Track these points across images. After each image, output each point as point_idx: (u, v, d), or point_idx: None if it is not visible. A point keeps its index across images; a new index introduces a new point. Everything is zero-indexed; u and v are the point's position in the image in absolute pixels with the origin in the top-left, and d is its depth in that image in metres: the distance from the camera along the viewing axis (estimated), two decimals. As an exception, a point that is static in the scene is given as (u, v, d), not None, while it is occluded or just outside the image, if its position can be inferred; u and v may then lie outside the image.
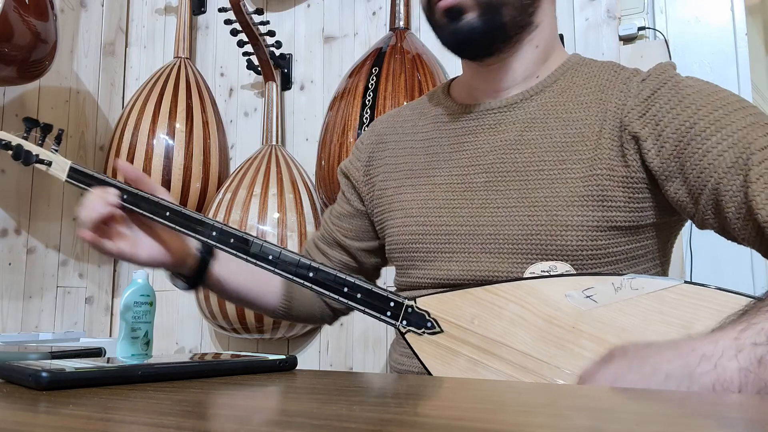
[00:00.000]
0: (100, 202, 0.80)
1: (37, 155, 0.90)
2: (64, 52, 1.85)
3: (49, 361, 0.51)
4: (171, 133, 1.75)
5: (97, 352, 0.67)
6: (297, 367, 0.58)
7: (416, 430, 0.28)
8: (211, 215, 1.64)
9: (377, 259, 0.96)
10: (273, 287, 0.95)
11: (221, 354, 0.62)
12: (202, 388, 0.44)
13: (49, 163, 0.89)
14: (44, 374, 0.41)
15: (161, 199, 0.82)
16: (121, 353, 1.01)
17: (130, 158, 1.74)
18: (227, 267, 0.90)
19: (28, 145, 0.91)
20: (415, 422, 0.31)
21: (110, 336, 1.95)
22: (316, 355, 1.73)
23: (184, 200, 1.75)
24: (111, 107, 2.02)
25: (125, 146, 1.76)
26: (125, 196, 0.83)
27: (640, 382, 0.50)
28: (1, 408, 0.35)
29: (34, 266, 1.74)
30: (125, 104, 1.94)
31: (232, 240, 0.78)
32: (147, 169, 1.73)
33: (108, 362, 0.50)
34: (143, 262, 0.83)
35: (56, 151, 0.91)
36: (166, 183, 1.73)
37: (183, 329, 1.89)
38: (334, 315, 1.00)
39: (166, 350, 1.88)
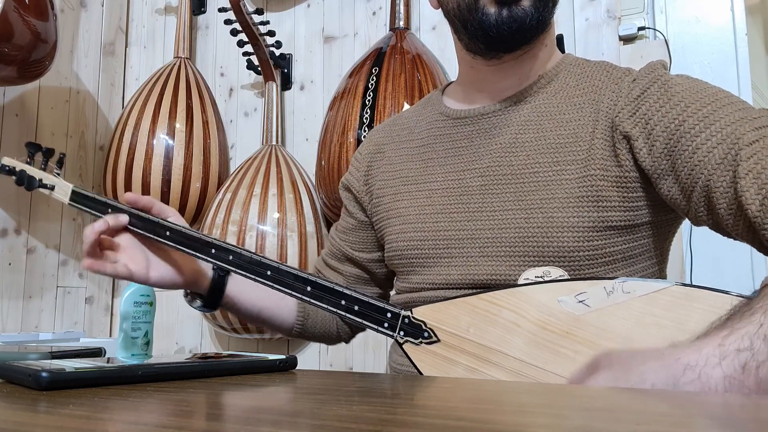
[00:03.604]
0: (99, 225, 0.79)
1: (40, 180, 0.91)
2: (64, 52, 1.85)
3: (49, 361, 0.51)
4: (171, 133, 1.75)
5: (97, 352, 0.67)
6: (297, 367, 0.58)
7: (416, 430, 0.28)
8: (211, 215, 1.64)
9: (389, 269, 0.94)
10: (288, 305, 0.94)
11: (221, 354, 0.62)
12: (202, 388, 0.44)
13: (52, 187, 0.91)
14: (44, 374, 0.41)
15: (169, 222, 0.82)
16: (121, 353, 1.01)
17: (130, 158, 1.74)
18: (242, 285, 0.89)
19: (32, 170, 0.92)
20: (415, 422, 0.31)
21: (110, 336, 1.95)
22: (316, 355, 1.73)
23: (184, 200, 1.75)
24: (111, 107, 2.02)
25: (125, 146, 1.76)
26: (133, 220, 0.82)
27: None
28: (1, 408, 0.35)
29: (34, 266, 1.74)
30: (125, 104, 1.94)
31: (230, 257, 0.78)
32: (147, 169, 1.72)
33: (108, 362, 0.50)
34: (153, 282, 0.82)
35: (59, 174, 0.92)
36: (166, 183, 1.73)
37: (183, 329, 1.89)
38: (351, 332, 0.99)
39: (166, 350, 1.88)
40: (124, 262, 0.80)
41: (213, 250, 0.80)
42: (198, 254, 0.81)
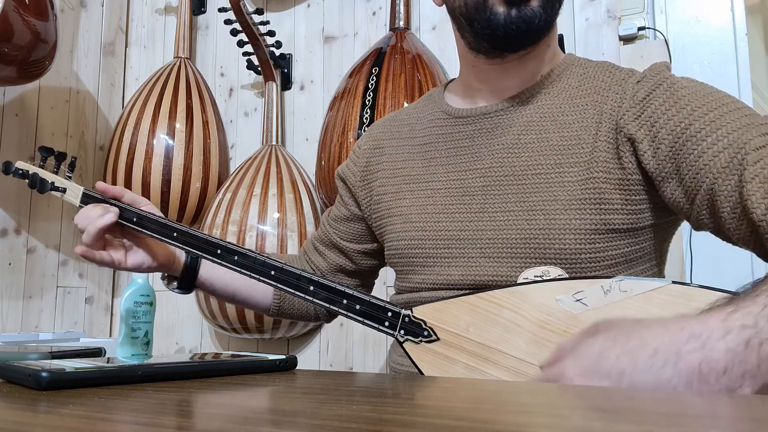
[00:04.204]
0: (101, 212, 0.86)
1: (52, 183, 0.94)
2: (64, 52, 1.85)
3: (49, 361, 0.51)
4: (171, 133, 1.75)
5: (97, 352, 0.67)
6: (297, 367, 0.58)
7: (416, 430, 0.28)
8: (211, 215, 1.64)
9: (374, 261, 0.96)
10: (263, 287, 0.96)
11: (221, 354, 0.62)
12: (202, 388, 0.44)
13: (64, 190, 0.94)
14: (44, 374, 0.41)
15: (143, 211, 0.87)
16: (121, 353, 1.01)
17: (130, 158, 1.74)
18: (215, 268, 0.93)
19: (44, 174, 0.95)
20: (415, 422, 0.31)
21: (110, 336, 1.95)
22: (316, 355, 1.73)
23: (184, 200, 1.75)
24: (111, 107, 2.02)
25: (125, 146, 1.76)
26: (125, 215, 0.88)
27: (626, 356, 0.50)
28: (1, 408, 0.35)
29: (34, 266, 1.74)
30: (125, 104, 1.94)
31: (236, 257, 0.82)
32: (147, 169, 1.72)
33: (108, 362, 0.50)
34: (131, 268, 0.89)
35: (70, 178, 0.95)
36: (166, 183, 1.73)
37: (183, 329, 1.89)
38: (329, 314, 1.00)
39: (166, 350, 1.88)
40: (106, 250, 0.87)
41: (219, 251, 0.83)
42: (205, 255, 0.83)
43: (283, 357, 0.57)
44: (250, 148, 1.86)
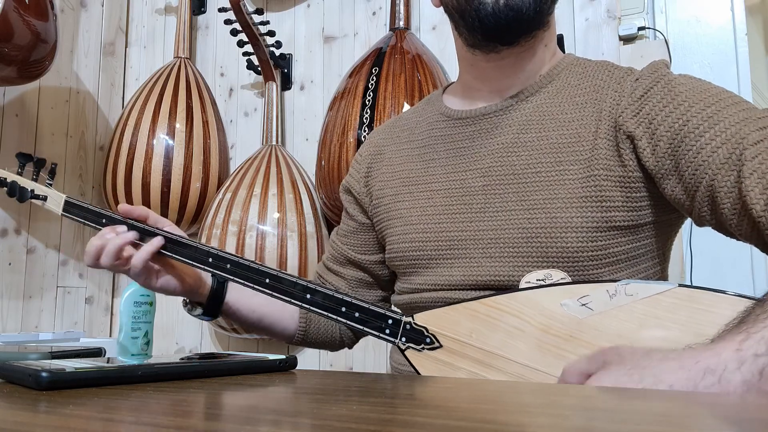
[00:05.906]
0: (114, 234, 0.81)
1: (32, 190, 0.90)
2: (64, 52, 1.85)
3: (49, 361, 0.51)
4: (171, 133, 1.75)
5: (97, 352, 0.67)
6: (297, 367, 0.58)
7: (416, 430, 0.28)
8: (211, 215, 1.64)
9: (392, 271, 0.94)
10: (290, 312, 0.93)
11: (221, 354, 0.62)
12: (202, 388, 0.44)
13: (45, 198, 0.90)
14: (44, 374, 0.41)
15: (165, 232, 0.83)
16: (121, 353, 1.01)
17: (130, 158, 1.74)
18: (241, 292, 0.89)
19: (23, 181, 0.92)
20: (415, 422, 0.31)
21: (110, 336, 1.95)
22: (316, 355, 1.73)
23: (184, 200, 1.75)
24: (111, 107, 2.02)
25: (125, 146, 1.76)
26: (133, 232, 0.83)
27: None
28: (1, 408, 0.35)
29: (34, 266, 1.74)
30: (125, 104, 1.94)
31: (228, 265, 0.79)
32: (147, 169, 1.72)
33: (108, 362, 0.50)
34: (157, 289, 0.84)
35: (51, 185, 0.91)
36: (166, 183, 1.73)
37: (183, 329, 1.89)
38: (355, 337, 0.99)
39: (166, 350, 1.88)
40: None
41: (210, 259, 0.80)
42: (197, 264, 0.81)
43: (283, 357, 0.57)
44: (250, 148, 1.86)
